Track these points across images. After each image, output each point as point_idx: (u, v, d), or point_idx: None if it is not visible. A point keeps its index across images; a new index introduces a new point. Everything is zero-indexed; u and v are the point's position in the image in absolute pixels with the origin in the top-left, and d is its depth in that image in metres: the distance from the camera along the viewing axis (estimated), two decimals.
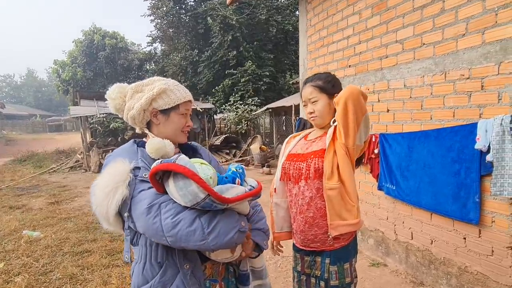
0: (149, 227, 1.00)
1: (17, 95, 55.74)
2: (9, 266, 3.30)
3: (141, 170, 1.09)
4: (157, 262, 1.08)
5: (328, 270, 1.47)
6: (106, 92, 1.23)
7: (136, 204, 1.03)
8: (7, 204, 6.07)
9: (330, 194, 1.43)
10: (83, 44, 18.31)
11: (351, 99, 1.33)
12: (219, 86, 15.05)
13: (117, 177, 1.03)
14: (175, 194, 0.99)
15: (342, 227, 1.44)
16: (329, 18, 3.83)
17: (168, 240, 0.98)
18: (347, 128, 1.38)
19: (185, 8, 16.97)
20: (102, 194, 1.03)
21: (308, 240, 1.52)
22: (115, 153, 1.18)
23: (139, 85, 1.21)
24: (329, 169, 1.43)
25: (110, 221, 1.06)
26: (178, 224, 0.97)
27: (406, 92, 2.87)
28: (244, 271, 1.28)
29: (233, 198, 1.01)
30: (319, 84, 1.53)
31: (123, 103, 1.22)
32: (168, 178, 1.02)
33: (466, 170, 2.30)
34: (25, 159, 12.54)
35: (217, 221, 1.00)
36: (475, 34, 2.26)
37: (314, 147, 1.55)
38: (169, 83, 1.22)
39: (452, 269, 2.50)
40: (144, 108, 1.18)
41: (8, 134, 29.11)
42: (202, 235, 0.97)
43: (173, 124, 1.22)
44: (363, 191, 3.47)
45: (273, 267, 3.26)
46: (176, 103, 1.20)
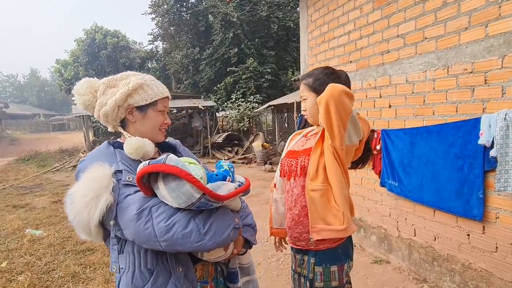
0: (140, 233, 0.94)
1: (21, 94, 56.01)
2: (12, 265, 3.31)
3: (123, 174, 1.02)
4: (147, 269, 1.02)
5: (313, 270, 1.43)
6: (73, 88, 1.15)
7: (124, 211, 0.96)
8: (11, 203, 6.11)
9: (312, 196, 1.38)
10: (85, 43, 18.31)
11: (332, 100, 1.26)
12: (220, 83, 15.03)
13: (98, 184, 0.95)
14: (166, 196, 0.94)
15: (326, 232, 1.38)
16: (329, 13, 3.79)
17: (163, 244, 0.94)
18: (331, 129, 1.32)
19: (186, 6, 16.92)
20: (82, 203, 0.94)
21: (294, 238, 1.50)
22: (90, 157, 1.09)
23: (112, 80, 1.14)
24: (314, 169, 1.39)
25: (91, 232, 0.98)
26: (173, 227, 0.93)
27: (408, 87, 2.83)
28: (233, 268, 1.26)
29: (227, 195, 0.98)
30: (309, 83, 1.49)
31: (94, 99, 1.13)
32: (156, 180, 0.96)
33: (470, 165, 2.27)
34: (29, 158, 12.61)
35: (213, 220, 0.97)
36: (478, 28, 2.22)
37: (307, 144, 1.53)
38: (145, 77, 1.16)
39: (456, 266, 2.48)
40: (119, 104, 1.10)
41: (12, 134, 29.32)
42: (199, 236, 0.94)
43: (150, 121, 1.15)
44: (365, 188, 3.44)
45: (275, 265, 3.25)
46: (154, 99, 1.13)
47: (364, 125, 1.44)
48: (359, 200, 3.52)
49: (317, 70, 1.53)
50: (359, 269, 3.04)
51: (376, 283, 2.80)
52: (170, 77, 17.68)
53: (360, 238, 3.58)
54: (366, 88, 3.33)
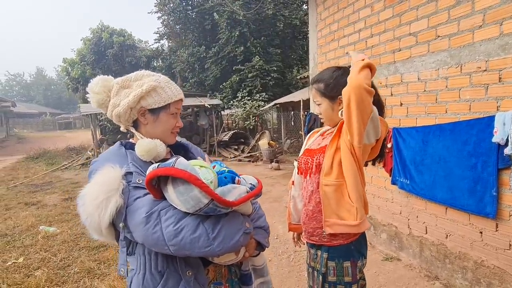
0: (148, 237, 0.93)
1: (27, 93, 56.57)
2: (29, 261, 3.39)
3: (133, 176, 1.01)
4: (158, 271, 1.01)
5: (325, 265, 1.44)
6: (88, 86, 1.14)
7: (133, 213, 0.95)
8: (23, 200, 6.21)
9: (326, 191, 1.41)
10: (92, 42, 18.44)
11: (354, 95, 1.25)
12: (226, 82, 15.05)
13: (109, 186, 0.95)
14: (175, 200, 0.93)
15: (339, 226, 1.40)
16: (339, 12, 3.80)
17: (171, 249, 0.92)
18: (351, 126, 1.32)
19: (192, 4, 16.95)
20: (93, 205, 0.94)
21: (308, 233, 1.53)
22: (102, 158, 1.08)
23: (126, 80, 1.12)
24: (328, 165, 1.41)
25: (102, 232, 0.99)
26: (181, 231, 0.91)
27: (420, 86, 2.84)
28: (246, 271, 1.24)
29: (237, 201, 0.96)
30: (320, 88, 1.50)
31: (107, 99, 1.12)
32: (166, 183, 0.95)
33: (483, 163, 2.27)
34: (37, 157, 12.75)
35: (222, 225, 0.95)
36: (493, 26, 2.22)
37: (323, 143, 1.55)
38: (159, 79, 1.14)
39: (468, 263, 2.49)
40: (132, 106, 1.09)
41: (19, 132, 29.65)
42: (207, 241, 0.92)
43: (162, 124, 1.14)
44: (376, 186, 3.46)
45: (286, 262, 3.28)
46: (167, 102, 1.12)
47: (382, 125, 1.44)
48: (369, 198, 3.53)
49: (326, 73, 1.51)
50: (370, 266, 3.06)
51: (387, 280, 2.82)
52: (176, 75, 17.73)
53: (370, 235, 3.60)
54: (377, 86, 3.33)
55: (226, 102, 14.65)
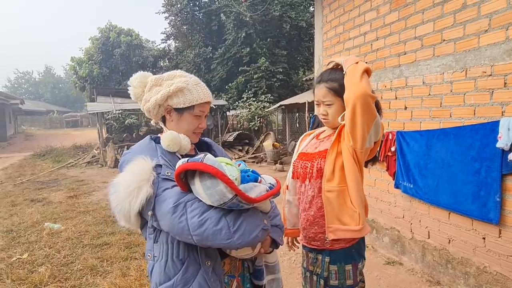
0: (174, 226, 1.00)
1: (36, 91, 57.25)
2: (33, 257, 3.43)
3: (162, 168, 1.08)
4: (179, 259, 1.07)
5: (327, 269, 1.45)
6: (129, 79, 1.23)
7: (161, 203, 1.02)
8: (29, 197, 6.29)
9: (328, 196, 1.40)
10: (99, 42, 18.61)
11: (360, 103, 1.25)
12: (232, 83, 15.10)
13: (141, 176, 1.02)
14: (201, 193, 0.99)
15: (342, 231, 1.40)
16: (345, 14, 3.79)
17: (194, 238, 0.99)
18: (354, 131, 1.32)
19: (199, 5, 17.04)
20: (125, 192, 1.01)
21: (309, 238, 1.52)
22: (133, 151, 1.16)
23: (159, 79, 1.20)
24: (330, 170, 1.40)
25: (131, 220, 1.05)
26: (205, 223, 0.97)
27: (425, 89, 2.82)
28: (259, 266, 1.29)
29: (259, 198, 1.01)
30: (335, 87, 1.43)
31: (142, 93, 1.21)
32: (193, 177, 1.01)
33: (487, 169, 2.26)
34: (44, 154, 12.90)
35: (242, 220, 1.01)
36: (499, 30, 2.21)
37: (321, 146, 1.53)
38: (189, 81, 1.19)
39: (470, 269, 2.47)
40: (159, 103, 1.18)
41: (27, 130, 30.04)
42: (228, 234, 0.98)
43: (185, 124, 1.21)
44: (379, 189, 3.45)
45: (287, 263, 3.28)
46: (192, 104, 1.18)
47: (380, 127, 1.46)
48: (372, 201, 3.52)
49: (337, 73, 1.45)
50: (372, 269, 3.05)
51: (389, 284, 2.81)
52: None
53: (372, 239, 3.58)
54: (381, 90, 3.33)
55: (231, 103, 14.69)
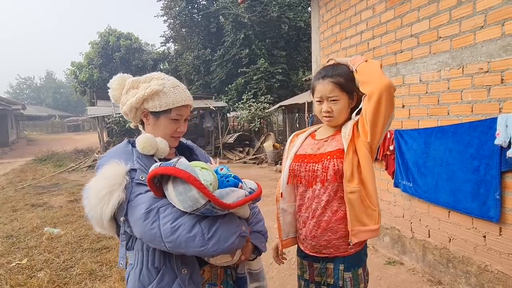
0: (146, 232, 0.96)
1: (37, 96, 57.52)
2: (32, 262, 3.42)
3: (137, 172, 1.04)
4: (154, 267, 1.03)
5: (342, 278, 1.37)
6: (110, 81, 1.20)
7: (133, 209, 0.99)
8: (29, 202, 6.29)
9: (351, 198, 1.31)
10: (99, 46, 18.68)
11: (386, 94, 1.20)
12: (232, 84, 15.09)
13: (113, 180, 0.98)
14: (174, 198, 0.96)
15: (363, 233, 1.34)
16: (342, 14, 3.78)
17: (167, 245, 0.95)
18: (376, 125, 1.26)
19: (198, 7, 17.07)
20: (96, 197, 0.98)
21: (321, 246, 1.40)
22: (109, 154, 1.12)
23: (136, 81, 1.16)
24: (349, 171, 1.32)
25: (104, 225, 1.02)
26: (178, 229, 0.94)
27: (422, 87, 2.80)
28: (242, 274, 1.25)
29: (234, 204, 0.98)
30: (341, 82, 1.35)
31: (120, 95, 1.18)
32: (167, 182, 0.98)
33: (486, 166, 2.23)
34: (46, 159, 12.92)
35: (218, 226, 0.97)
36: (494, 26, 2.19)
37: (328, 147, 1.42)
38: (166, 84, 1.15)
39: (471, 268, 2.44)
40: (136, 107, 1.14)
41: (29, 134, 30.15)
42: (202, 241, 0.94)
43: (162, 128, 1.16)
44: (378, 189, 3.38)
45: (287, 265, 3.26)
46: (168, 107, 1.13)
47: None
48: None
49: (341, 68, 1.39)
50: (372, 270, 3.02)
51: (389, 285, 2.78)
52: (182, 78, 17.84)
53: (373, 239, 3.55)
54: None
55: (231, 105, 14.69)
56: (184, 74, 17.38)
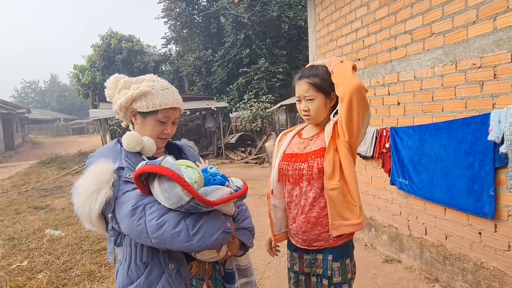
0: (133, 229, 0.99)
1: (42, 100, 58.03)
2: (32, 264, 3.46)
3: (125, 171, 1.07)
4: (142, 262, 1.06)
5: (331, 267, 1.44)
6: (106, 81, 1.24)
7: (121, 206, 1.01)
8: (32, 204, 6.35)
9: (331, 195, 1.39)
10: (101, 49, 18.77)
11: (356, 95, 1.27)
12: (233, 84, 15.11)
13: (101, 178, 1.01)
14: (159, 196, 0.98)
15: (345, 227, 1.42)
16: (337, 12, 3.77)
17: (153, 241, 0.98)
18: (351, 125, 1.33)
19: (198, 8, 17.11)
20: (85, 195, 1.00)
21: (311, 239, 1.48)
22: (98, 153, 1.15)
23: (128, 82, 1.20)
24: (330, 169, 1.38)
25: (93, 222, 1.05)
26: (163, 225, 0.96)
27: (416, 84, 2.79)
28: (230, 269, 1.28)
29: (218, 201, 1.00)
30: (316, 82, 1.43)
31: (114, 95, 1.21)
32: (153, 180, 1.01)
33: (480, 162, 2.22)
34: (49, 161, 13.03)
35: (202, 222, 0.99)
36: (486, 21, 2.17)
37: (312, 146, 1.49)
38: (155, 86, 1.18)
39: (468, 265, 2.43)
40: (125, 106, 1.18)
41: (34, 138, 30.46)
42: (187, 237, 0.96)
43: (148, 128, 1.19)
44: (375, 187, 3.41)
45: (285, 264, 3.25)
46: (155, 109, 1.16)
47: None
48: (369, 198, 3.48)
49: (319, 69, 1.46)
50: (370, 268, 3.02)
51: (386, 283, 2.77)
52: (183, 79, 17.90)
53: (371, 237, 3.54)
54: (374, 86, 3.30)
55: (233, 105, 14.70)
56: (185, 75, 17.43)
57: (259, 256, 3.35)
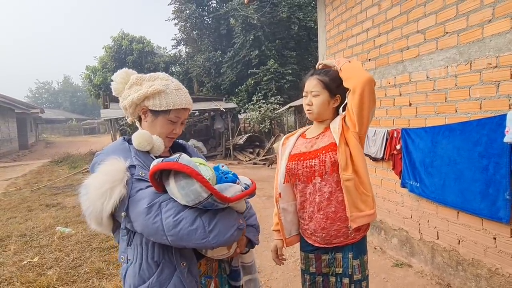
0: (148, 226, 0.98)
1: (55, 100, 59.21)
2: (43, 260, 3.51)
3: (136, 169, 1.06)
4: (154, 261, 1.06)
5: (351, 265, 1.45)
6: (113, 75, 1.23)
7: (135, 204, 1.01)
8: (44, 202, 6.46)
9: (347, 185, 1.41)
10: (112, 50, 19.06)
11: (368, 87, 1.34)
12: (242, 85, 15.14)
13: (114, 176, 1.00)
14: (176, 193, 0.98)
15: (361, 218, 1.43)
16: (347, 11, 3.73)
17: (169, 239, 0.98)
18: (361, 116, 1.39)
19: (208, 10, 17.24)
20: (97, 193, 0.99)
21: (331, 236, 1.47)
22: (106, 151, 1.14)
23: (141, 78, 1.19)
24: (344, 161, 1.41)
25: (103, 222, 1.04)
26: (180, 223, 0.97)
27: (429, 84, 2.73)
28: (235, 267, 1.29)
29: (234, 197, 1.01)
30: (325, 80, 1.50)
31: (123, 90, 1.20)
32: (168, 177, 1.00)
33: (495, 165, 2.15)
34: (61, 161, 13.25)
35: (218, 219, 1.00)
36: (503, 19, 2.11)
37: (320, 143, 1.51)
38: (170, 85, 1.18)
39: (482, 270, 2.35)
40: (136, 103, 1.17)
41: (47, 137, 31.06)
42: (204, 234, 0.97)
43: (158, 127, 1.19)
44: (386, 189, 3.35)
45: (292, 266, 3.23)
46: (168, 108, 1.16)
47: None
48: (379, 201, 3.42)
49: (333, 72, 1.52)
50: (379, 272, 2.96)
51: (396, 287, 2.71)
52: (193, 80, 18.01)
53: (381, 240, 3.48)
54: (385, 86, 3.25)
55: (241, 106, 14.72)
56: (195, 76, 17.54)
57: (266, 258, 3.33)
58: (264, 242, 3.62)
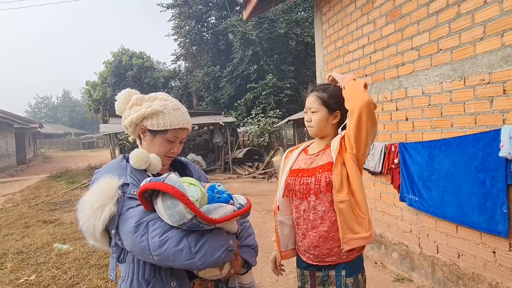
0: (136, 245, 0.99)
1: (54, 115, 59.52)
2: (40, 278, 3.46)
3: (129, 187, 1.08)
4: (145, 279, 1.06)
5: (344, 283, 1.43)
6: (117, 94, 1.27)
7: (124, 222, 1.02)
8: (42, 218, 6.39)
9: (341, 207, 1.40)
10: (112, 65, 19.35)
11: (366, 110, 1.32)
12: (241, 100, 15.30)
13: (105, 194, 1.02)
14: (163, 213, 0.99)
15: (355, 240, 1.42)
16: (344, 29, 3.83)
17: (155, 258, 0.98)
18: (359, 139, 1.37)
19: (207, 26, 17.60)
20: (90, 210, 1.02)
21: (324, 254, 1.47)
22: (103, 169, 1.17)
23: (141, 99, 1.22)
24: (338, 182, 1.40)
25: (97, 238, 1.05)
26: (166, 243, 0.97)
27: (424, 100, 2.78)
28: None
29: (220, 219, 1.00)
30: (323, 97, 1.51)
31: (125, 109, 1.24)
32: (157, 196, 1.02)
33: (492, 179, 2.17)
34: (60, 175, 13.19)
35: (205, 240, 1.00)
36: (494, 37, 2.18)
37: (319, 161, 1.51)
38: (168, 106, 1.21)
39: (482, 285, 2.34)
40: (135, 123, 1.20)
41: (46, 152, 30.99)
42: (189, 254, 0.97)
43: (156, 146, 1.21)
44: (385, 203, 3.35)
45: (292, 281, 3.20)
46: (165, 128, 1.18)
47: None
48: (378, 215, 3.43)
49: (332, 88, 1.54)
50: (380, 287, 2.93)
51: None
52: (192, 94, 18.20)
53: (381, 255, 3.46)
54: (382, 101, 3.30)
55: (240, 120, 14.82)
56: (194, 91, 17.72)
57: (266, 273, 3.30)
58: (263, 257, 3.59)
